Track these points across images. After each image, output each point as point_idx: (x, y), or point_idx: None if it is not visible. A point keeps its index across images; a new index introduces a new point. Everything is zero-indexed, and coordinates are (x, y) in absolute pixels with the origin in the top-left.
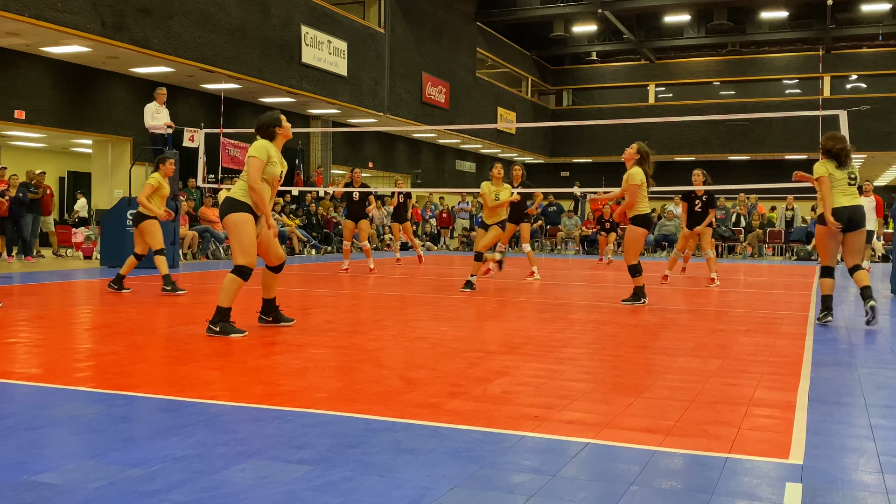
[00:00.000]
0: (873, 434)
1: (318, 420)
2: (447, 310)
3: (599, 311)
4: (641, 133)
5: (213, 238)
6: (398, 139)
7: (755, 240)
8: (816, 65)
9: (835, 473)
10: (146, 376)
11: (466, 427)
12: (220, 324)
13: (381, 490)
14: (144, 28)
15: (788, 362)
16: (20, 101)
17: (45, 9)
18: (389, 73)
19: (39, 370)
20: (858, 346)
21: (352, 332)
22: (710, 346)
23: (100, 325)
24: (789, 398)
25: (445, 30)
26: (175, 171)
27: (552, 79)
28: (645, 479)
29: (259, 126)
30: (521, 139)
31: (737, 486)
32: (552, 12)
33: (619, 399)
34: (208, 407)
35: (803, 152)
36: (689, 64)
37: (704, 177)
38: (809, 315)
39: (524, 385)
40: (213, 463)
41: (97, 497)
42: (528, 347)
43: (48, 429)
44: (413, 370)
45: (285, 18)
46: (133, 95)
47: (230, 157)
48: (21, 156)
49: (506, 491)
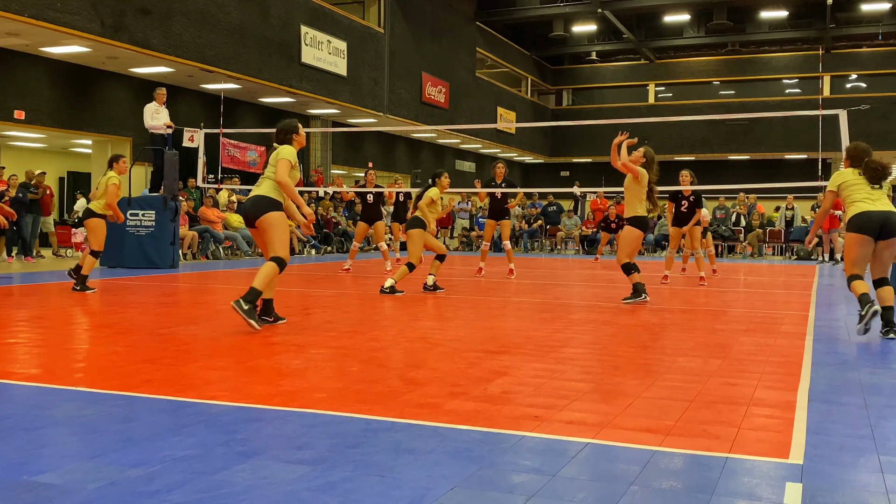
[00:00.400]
0: (873, 434)
1: (317, 420)
2: (447, 310)
3: (599, 311)
4: (641, 133)
5: (213, 238)
6: (398, 139)
7: (755, 239)
8: (816, 64)
9: (835, 473)
10: (146, 376)
11: (466, 427)
12: (250, 305)
13: (380, 490)
14: (144, 28)
15: (788, 362)
16: (20, 102)
17: (45, 9)
18: (389, 72)
19: (39, 370)
20: (858, 345)
21: (352, 332)
22: (709, 345)
23: (99, 326)
24: (789, 398)
25: (445, 29)
26: (174, 171)
27: (552, 78)
28: (645, 479)
29: (279, 131)
30: (520, 139)
31: (737, 486)
32: (552, 12)
33: (618, 399)
34: (208, 407)
35: (803, 152)
36: (688, 63)
37: (692, 177)
38: (809, 315)
39: (524, 385)
40: (213, 463)
41: (97, 498)
42: (528, 347)
43: (48, 429)
44: (413, 370)
45: (285, 18)
46: (133, 96)
47: (230, 157)
48: (21, 156)
49: (506, 491)
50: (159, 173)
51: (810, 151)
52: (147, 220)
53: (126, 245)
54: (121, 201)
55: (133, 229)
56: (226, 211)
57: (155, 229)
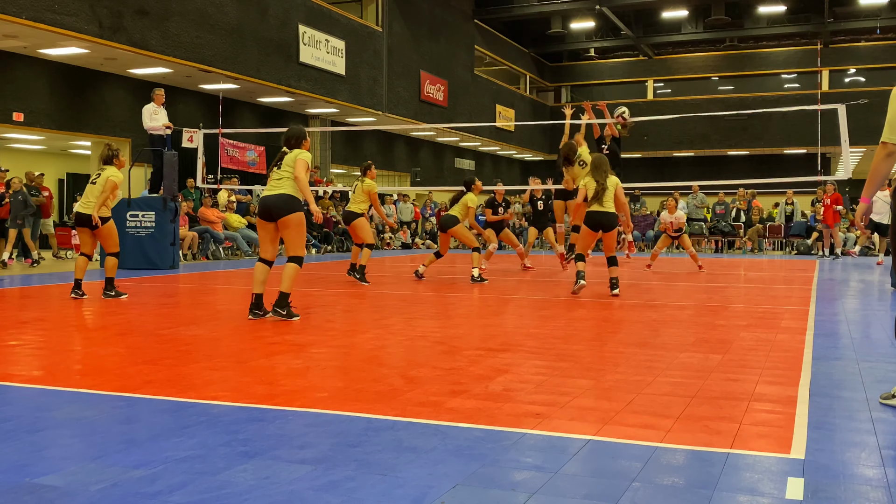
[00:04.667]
0: (874, 428)
1: (319, 419)
2: (448, 308)
3: (600, 308)
4: (640, 129)
5: (213, 239)
6: (397, 138)
7: (755, 235)
8: (815, 59)
9: (836, 468)
10: (147, 377)
11: (468, 425)
12: (287, 308)
13: (383, 489)
14: (142, 29)
15: (789, 357)
16: (18, 104)
17: (43, 11)
18: (387, 71)
19: (40, 372)
20: (859, 340)
21: (352, 331)
22: (710, 341)
23: (100, 327)
24: (790, 393)
25: (443, 28)
26: (173, 172)
27: (550, 75)
28: (647, 475)
29: (290, 136)
30: (519, 136)
31: (738, 481)
32: (550, 9)
33: (620, 395)
34: (210, 408)
35: (802, 147)
36: (687, 59)
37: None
38: (810, 310)
39: (525, 382)
40: (215, 463)
41: (99, 499)
42: (529, 345)
43: (49, 431)
44: (414, 369)
45: (283, 18)
46: (131, 96)
47: (229, 158)
48: (20, 158)
49: (508, 488)
50: (159, 174)
51: (809, 146)
52: (147, 221)
53: (126, 246)
54: (120, 203)
55: (133, 230)
56: (225, 211)
57: (155, 230)
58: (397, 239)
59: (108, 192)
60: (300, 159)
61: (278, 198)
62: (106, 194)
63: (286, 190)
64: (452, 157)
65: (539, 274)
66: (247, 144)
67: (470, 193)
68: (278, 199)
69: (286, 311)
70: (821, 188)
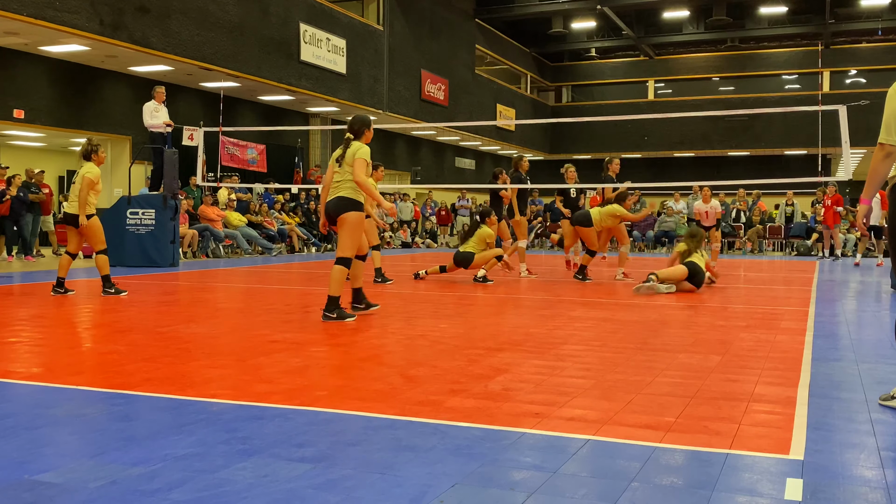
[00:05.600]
0: (874, 429)
1: (318, 418)
2: (447, 307)
3: (599, 308)
4: (641, 129)
5: (213, 237)
6: (397, 136)
7: (755, 235)
8: (816, 60)
9: (835, 469)
10: (146, 375)
11: (467, 424)
12: (337, 310)
13: (382, 488)
14: (143, 27)
15: (789, 358)
16: (19, 101)
17: (44, 8)
18: (388, 70)
19: (40, 369)
20: (858, 341)
21: (352, 329)
22: (710, 342)
23: (100, 324)
24: (790, 394)
25: (444, 27)
26: (174, 170)
27: (551, 75)
28: (646, 475)
29: (353, 122)
30: (520, 136)
31: (737, 482)
32: (551, 9)
33: (619, 395)
34: (209, 405)
35: (803, 148)
36: (688, 60)
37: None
38: (810, 310)
39: (525, 382)
40: (214, 461)
41: (98, 496)
42: (529, 344)
43: (49, 428)
44: (413, 368)
45: (284, 16)
46: (132, 94)
47: (229, 156)
48: (20, 155)
49: (507, 488)
50: (159, 172)
51: (810, 147)
52: (147, 219)
53: (126, 244)
54: (120, 200)
55: (133, 228)
56: (225, 209)
57: (155, 228)
58: (397, 238)
59: (87, 190)
60: (358, 159)
61: (337, 200)
62: (84, 192)
63: (344, 192)
64: (453, 157)
65: (542, 274)
66: (247, 143)
67: (484, 226)
68: (337, 202)
69: (336, 314)
70: (821, 189)
